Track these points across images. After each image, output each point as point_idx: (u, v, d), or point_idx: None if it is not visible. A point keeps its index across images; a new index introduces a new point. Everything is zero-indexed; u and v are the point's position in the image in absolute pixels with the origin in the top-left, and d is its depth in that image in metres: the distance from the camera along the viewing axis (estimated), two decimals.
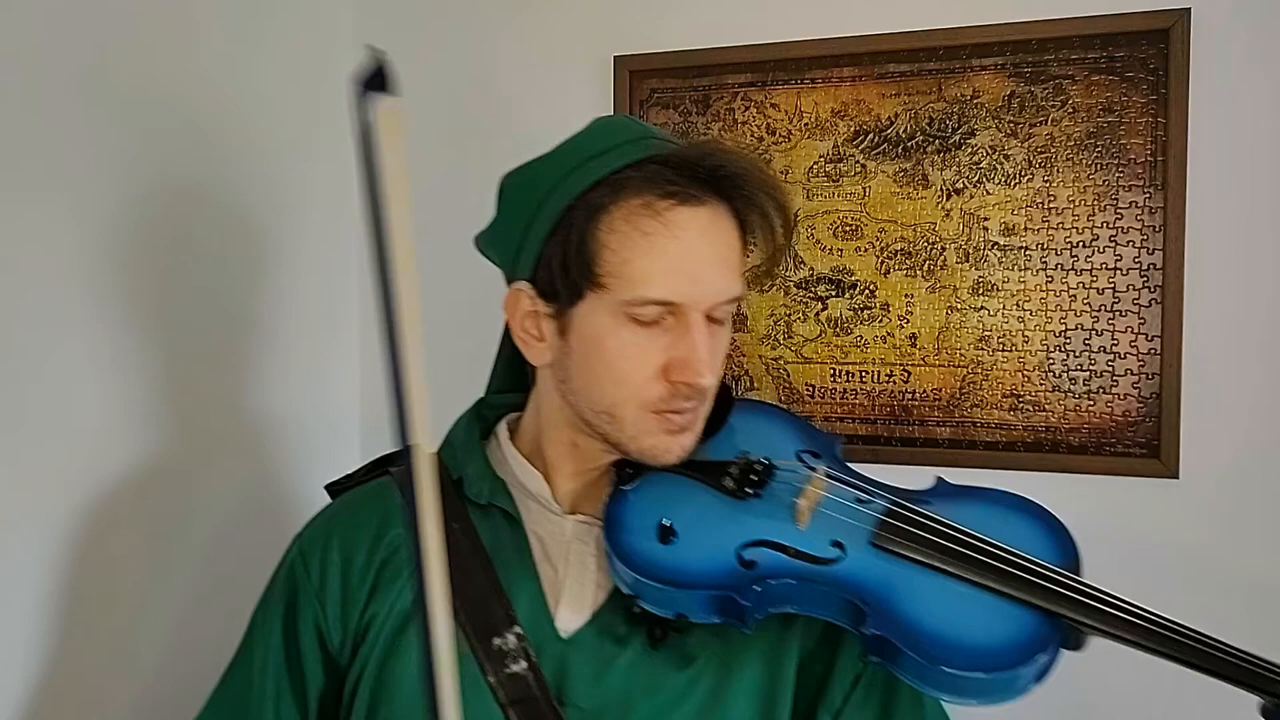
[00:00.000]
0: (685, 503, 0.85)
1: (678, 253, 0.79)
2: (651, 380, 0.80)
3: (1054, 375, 1.41)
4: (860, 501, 0.82)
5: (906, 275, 1.47)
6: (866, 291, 1.48)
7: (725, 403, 0.91)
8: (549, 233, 0.82)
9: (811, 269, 1.50)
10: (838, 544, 0.78)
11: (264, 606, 0.92)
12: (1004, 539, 0.77)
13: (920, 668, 0.70)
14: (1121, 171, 1.37)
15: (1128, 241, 1.37)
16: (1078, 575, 0.73)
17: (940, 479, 0.90)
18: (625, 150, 0.81)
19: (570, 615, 0.84)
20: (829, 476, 0.85)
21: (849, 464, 0.90)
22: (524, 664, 0.81)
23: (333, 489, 0.97)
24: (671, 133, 0.87)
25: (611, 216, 0.79)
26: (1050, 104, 1.40)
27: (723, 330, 0.86)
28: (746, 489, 0.84)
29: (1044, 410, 1.42)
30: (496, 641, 0.81)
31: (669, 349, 0.80)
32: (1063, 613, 0.71)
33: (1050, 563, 0.74)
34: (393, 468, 0.95)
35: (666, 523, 0.82)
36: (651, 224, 0.79)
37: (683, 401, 0.81)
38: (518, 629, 0.82)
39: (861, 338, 1.49)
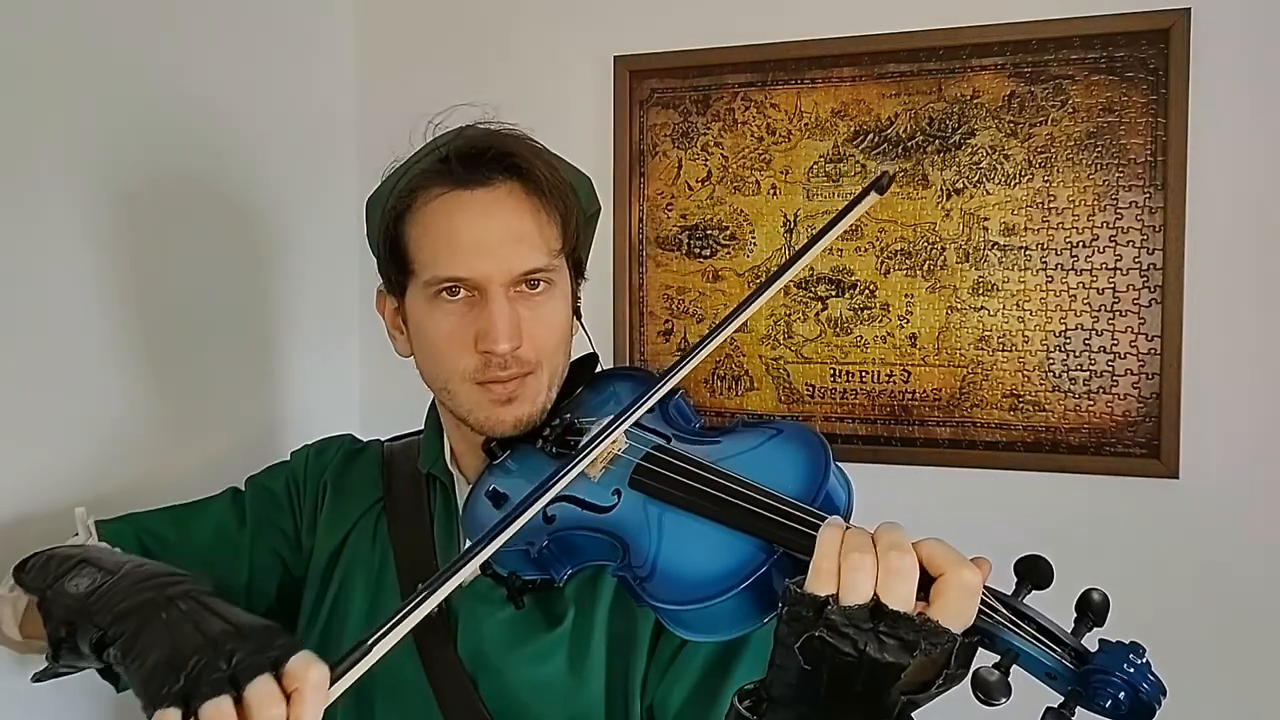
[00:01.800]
0: (523, 470, 0.91)
1: (461, 233, 0.87)
2: (465, 352, 0.88)
3: (1054, 375, 1.41)
4: (635, 449, 0.85)
5: (906, 275, 1.47)
6: (866, 291, 1.48)
7: (586, 374, 0.99)
8: (382, 244, 0.92)
9: (811, 269, 1.50)
10: (616, 491, 0.82)
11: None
12: (754, 472, 0.78)
13: (663, 612, 0.73)
14: (1121, 171, 1.37)
15: (1128, 241, 1.37)
16: (815, 503, 0.72)
17: (742, 419, 0.93)
18: (422, 158, 0.91)
19: (469, 571, 0.91)
20: (605, 438, 0.86)
21: (690, 414, 0.93)
22: (436, 609, 0.88)
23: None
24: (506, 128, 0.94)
25: (412, 214, 0.89)
26: (1050, 104, 1.40)
27: (544, 301, 0.90)
28: (557, 449, 0.90)
29: (1044, 410, 1.42)
30: (419, 585, 0.90)
31: (475, 322, 0.87)
32: (758, 531, 0.72)
33: (788, 493, 0.74)
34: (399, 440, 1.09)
35: (499, 490, 0.89)
36: (437, 212, 0.88)
37: (498, 371, 0.87)
38: None
39: (861, 338, 1.49)
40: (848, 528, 0.66)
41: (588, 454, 0.78)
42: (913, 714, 0.62)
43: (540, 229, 0.89)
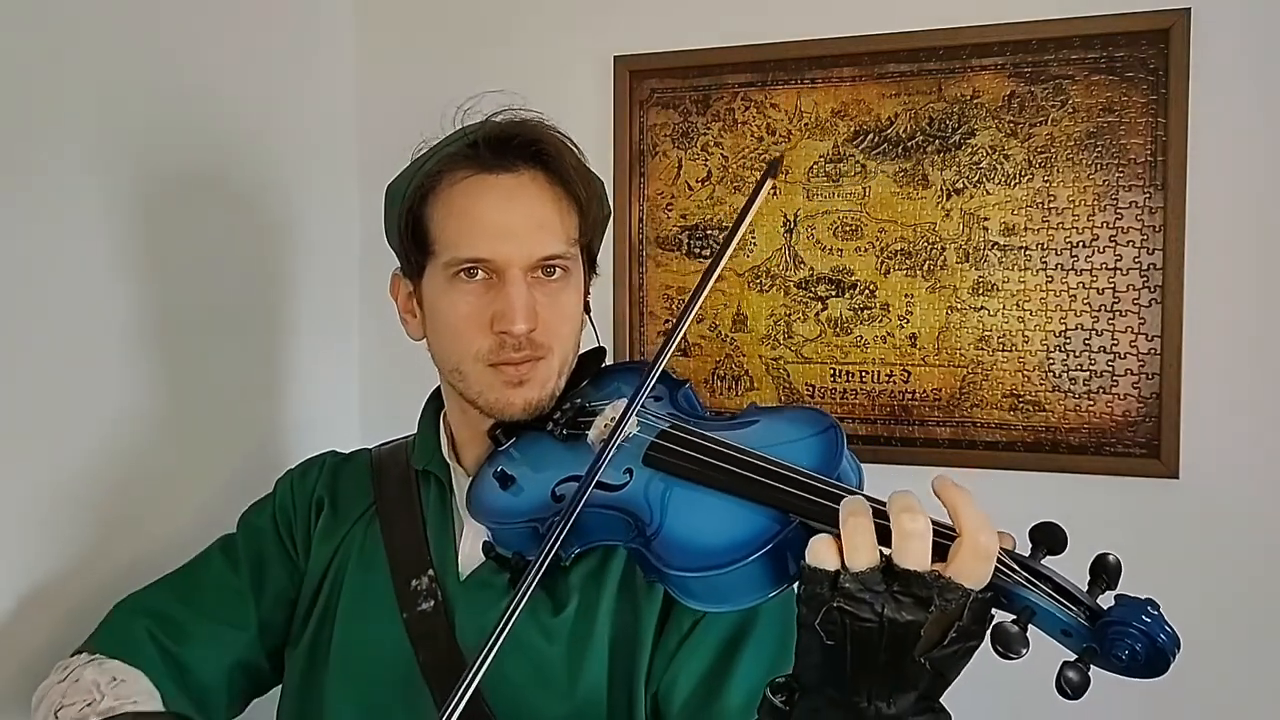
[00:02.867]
0: (530, 453, 0.93)
1: (484, 216, 0.88)
2: (480, 332, 0.89)
3: (1054, 375, 1.41)
4: (649, 428, 0.86)
5: (906, 275, 1.47)
6: (866, 291, 1.48)
7: (592, 367, 1.00)
8: (403, 224, 0.93)
9: (811, 269, 1.50)
10: (628, 470, 0.83)
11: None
12: (772, 449, 0.79)
13: (672, 579, 0.74)
14: (1121, 171, 1.37)
15: (1128, 241, 1.38)
16: (830, 477, 0.72)
17: (754, 404, 0.98)
18: (451, 143, 0.93)
19: (468, 562, 0.94)
20: (636, 409, 0.87)
21: (698, 404, 0.94)
22: (431, 603, 0.92)
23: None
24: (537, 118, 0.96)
25: (436, 196, 0.90)
26: (1050, 104, 1.40)
27: (560, 289, 0.92)
28: (567, 431, 0.91)
29: (1044, 410, 1.42)
30: (413, 582, 0.94)
31: (492, 303, 0.88)
32: (773, 502, 0.72)
33: (806, 465, 0.74)
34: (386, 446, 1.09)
35: (508, 471, 0.90)
36: (462, 194, 0.90)
37: (512, 353, 0.89)
38: (431, 572, 0.94)
39: (861, 338, 1.49)
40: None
41: (638, 401, 0.80)
42: (940, 699, 0.62)
43: (561, 217, 0.91)
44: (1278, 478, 1.33)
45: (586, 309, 1.00)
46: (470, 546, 0.95)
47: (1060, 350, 1.41)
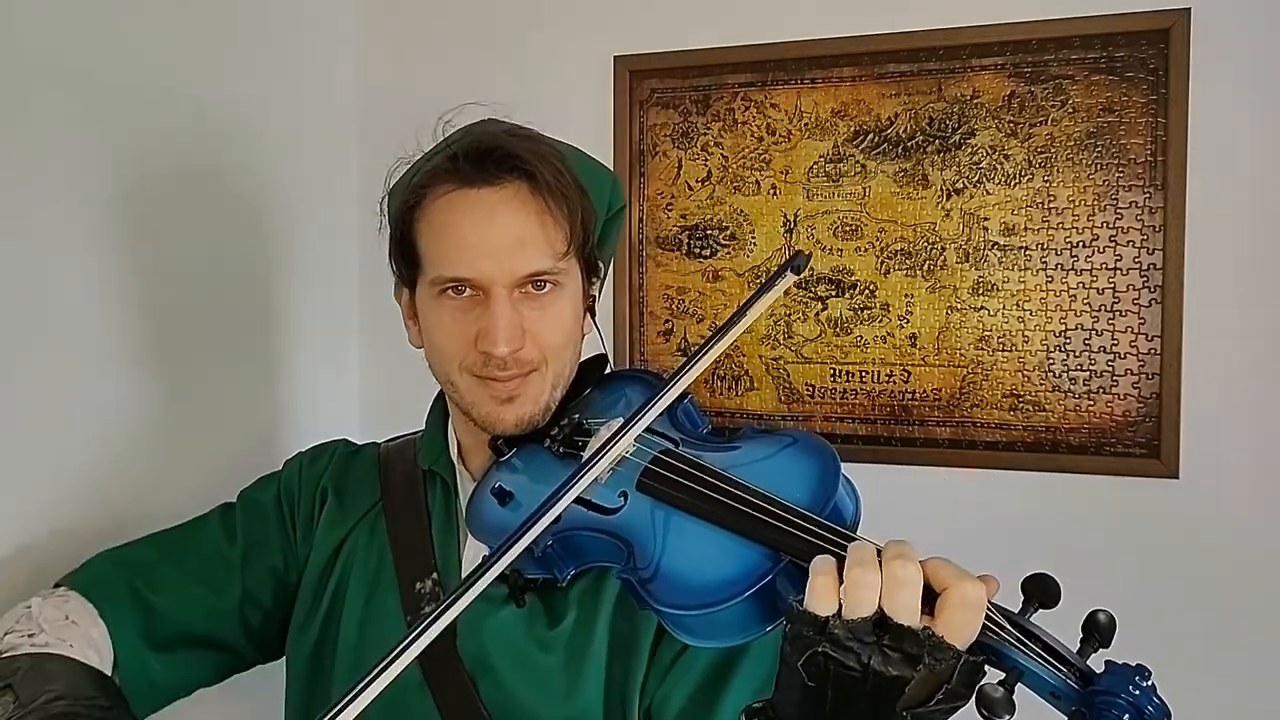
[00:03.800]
0: (529, 469, 0.92)
1: (466, 234, 0.87)
2: (467, 347, 0.89)
3: (1054, 375, 1.41)
4: (644, 452, 0.84)
5: (906, 275, 1.47)
6: (866, 291, 1.48)
7: (595, 375, 0.99)
8: (394, 236, 0.93)
9: (811, 269, 1.50)
10: (623, 494, 0.82)
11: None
12: (763, 480, 0.78)
13: (665, 615, 0.73)
14: (1121, 171, 1.37)
15: (1128, 241, 1.38)
16: (823, 513, 0.72)
17: (750, 426, 0.96)
18: (435, 155, 0.92)
19: (470, 568, 0.93)
20: (635, 431, 0.85)
21: (699, 418, 0.92)
22: (434, 607, 0.89)
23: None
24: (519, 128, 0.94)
25: (422, 210, 0.90)
26: (1050, 104, 1.40)
27: (551, 301, 0.90)
28: (564, 449, 0.90)
29: (1044, 410, 1.42)
30: (418, 585, 0.94)
31: (478, 321, 0.88)
32: (766, 540, 0.71)
33: (796, 502, 0.73)
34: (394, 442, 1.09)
35: (506, 487, 0.90)
36: (444, 210, 0.88)
37: (497, 369, 0.88)
38: (435, 575, 0.94)
39: (861, 338, 1.49)
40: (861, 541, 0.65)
41: (592, 467, 0.78)
42: None
43: (545, 231, 0.88)
44: (1278, 478, 1.33)
45: (591, 314, 0.99)
46: (473, 556, 0.95)
47: (1060, 350, 1.41)
